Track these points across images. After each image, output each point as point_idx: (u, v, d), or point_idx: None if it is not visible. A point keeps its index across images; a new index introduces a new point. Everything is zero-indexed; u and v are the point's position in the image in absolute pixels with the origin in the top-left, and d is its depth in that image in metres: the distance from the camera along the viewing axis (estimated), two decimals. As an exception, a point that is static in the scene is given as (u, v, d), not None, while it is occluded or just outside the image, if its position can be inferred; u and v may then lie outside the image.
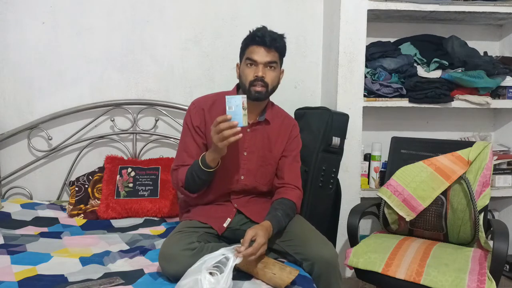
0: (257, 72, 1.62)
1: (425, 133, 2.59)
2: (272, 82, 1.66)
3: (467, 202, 1.89)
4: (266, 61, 1.62)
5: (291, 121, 1.81)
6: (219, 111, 1.68)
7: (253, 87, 1.63)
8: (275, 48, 1.63)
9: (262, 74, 1.61)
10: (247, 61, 1.64)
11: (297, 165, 1.77)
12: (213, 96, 1.77)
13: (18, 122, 2.34)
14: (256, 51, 1.62)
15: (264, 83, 1.63)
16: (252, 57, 1.62)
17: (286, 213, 1.61)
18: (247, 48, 1.65)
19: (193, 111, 1.71)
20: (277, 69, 1.67)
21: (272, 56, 1.63)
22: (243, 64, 1.67)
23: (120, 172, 2.17)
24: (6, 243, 1.72)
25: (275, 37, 1.63)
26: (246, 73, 1.64)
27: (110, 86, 2.40)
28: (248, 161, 1.71)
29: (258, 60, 1.62)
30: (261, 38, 1.60)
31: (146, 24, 2.39)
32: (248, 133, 1.70)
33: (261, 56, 1.62)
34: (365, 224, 2.59)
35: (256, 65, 1.62)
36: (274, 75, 1.66)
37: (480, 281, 1.59)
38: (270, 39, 1.61)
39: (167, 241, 1.52)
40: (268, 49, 1.62)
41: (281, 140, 1.75)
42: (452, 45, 2.42)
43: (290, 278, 1.39)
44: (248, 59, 1.63)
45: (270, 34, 1.62)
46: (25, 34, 2.32)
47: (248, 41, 1.65)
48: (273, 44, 1.61)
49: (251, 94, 1.63)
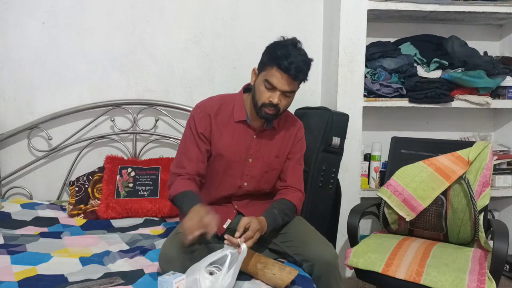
0: (273, 98, 1.53)
1: (425, 133, 2.59)
2: (285, 107, 1.60)
3: (467, 202, 1.89)
4: (285, 90, 1.54)
5: (297, 124, 1.77)
6: (225, 117, 1.66)
7: (265, 108, 1.56)
8: (298, 79, 1.55)
9: (278, 102, 1.54)
10: (266, 83, 1.53)
11: (300, 168, 1.76)
12: (218, 99, 1.70)
13: (18, 122, 2.34)
14: (278, 77, 1.51)
15: (276, 108, 1.56)
16: (272, 82, 1.52)
17: (284, 212, 1.60)
18: (270, 68, 1.52)
19: (199, 116, 1.65)
20: (294, 95, 1.60)
21: (293, 86, 1.55)
22: (260, 81, 1.56)
23: (120, 172, 2.17)
24: (6, 243, 1.72)
25: (302, 68, 1.51)
26: (261, 92, 1.55)
27: (110, 86, 2.40)
28: (253, 167, 1.68)
29: (277, 87, 1.52)
30: (287, 67, 1.49)
31: (146, 24, 2.39)
32: (254, 139, 1.67)
33: (282, 84, 1.52)
34: (365, 224, 2.59)
35: (274, 90, 1.53)
36: (289, 101, 1.59)
37: (480, 281, 1.59)
38: (296, 70, 1.49)
39: (167, 242, 1.52)
40: (292, 80, 1.52)
41: (287, 142, 1.72)
42: (452, 45, 2.42)
43: (289, 278, 1.39)
44: (267, 81, 1.53)
45: (297, 65, 1.49)
46: (25, 34, 2.32)
47: (273, 61, 1.51)
48: (298, 76, 1.52)
49: (261, 113, 1.57)
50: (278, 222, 1.57)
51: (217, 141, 1.65)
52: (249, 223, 1.42)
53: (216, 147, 1.65)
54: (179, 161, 1.64)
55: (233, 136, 1.66)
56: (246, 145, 1.67)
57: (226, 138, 1.65)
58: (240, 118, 1.65)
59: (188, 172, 1.60)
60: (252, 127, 1.67)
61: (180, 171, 1.61)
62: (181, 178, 1.59)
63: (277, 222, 1.56)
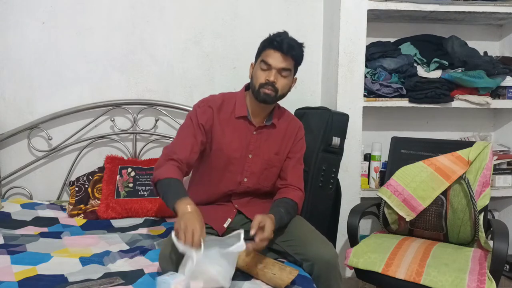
0: (269, 76, 1.59)
1: (425, 133, 2.59)
2: (283, 89, 1.63)
3: (467, 202, 1.89)
4: (280, 67, 1.59)
5: (297, 123, 1.80)
6: (227, 113, 1.68)
7: (262, 89, 1.60)
8: (291, 56, 1.60)
9: (274, 79, 1.59)
10: (262, 64, 1.61)
11: (300, 168, 1.77)
12: (221, 96, 1.74)
13: (18, 122, 2.34)
14: (272, 55, 1.59)
15: (274, 88, 1.60)
16: (267, 61, 1.59)
17: (288, 211, 1.61)
18: (264, 51, 1.62)
19: (201, 108, 1.68)
20: (290, 77, 1.64)
21: (287, 63, 1.60)
22: (257, 66, 1.64)
23: (120, 172, 2.17)
24: (6, 243, 1.72)
25: (293, 45, 1.59)
26: (258, 75, 1.62)
27: (110, 86, 2.40)
28: (253, 163, 1.70)
29: (272, 65, 1.59)
30: (279, 43, 1.57)
31: (146, 24, 2.39)
32: (254, 135, 1.69)
33: (276, 61, 1.59)
34: (365, 224, 2.59)
35: (270, 69, 1.59)
36: (286, 83, 1.63)
37: (480, 281, 1.59)
38: (288, 46, 1.57)
39: (167, 242, 1.52)
40: (285, 56, 1.58)
41: (287, 142, 1.74)
42: (452, 45, 2.42)
43: (290, 278, 1.39)
44: (263, 62, 1.60)
45: (289, 41, 1.58)
46: (25, 34, 2.32)
47: (266, 44, 1.62)
48: (290, 52, 1.58)
49: (260, 95, 1.61)
50: (284, 222, 1.58)
51: (218, 136, 1.67)
52: (263, 221, 1.43)
53: (217, 142, 1.66)
54: (173, 146, 1.65)
55: (234, 132, 1.68)
56: (246, 141, 1.68)
57: (227, 134, 1.67)
58: (241, 114, 1.68)
59: (179, 158, 1.59)
60: (253, 123, 1.69)
61: (172, 155, 1.59)
62: (170, 163, 1.58)
63: (282, 221, 1.57)
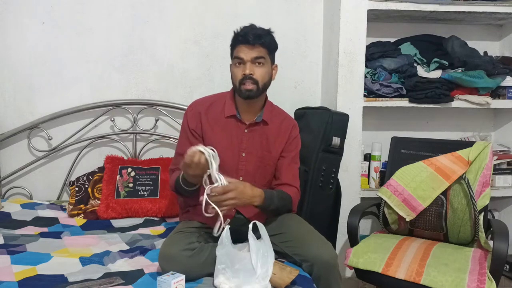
0: (244, 70, 1.61)
1: (425, 133, 2.59)
2: (263, 79, 1.64)
3: (467, 202, 1.89)
4: (252, 57, 1.60)
5: (291, 122, 1.80)
6: (216, 113, 1.70)
7: (243, 85, 1.61)
8: (260, 44, 1.60)
9: (250, 72, 1.60)
10: (235, 61, 1.64)
11: (296, 166, 1.77)
12: (211, 97, 1.77)
13: (18, 122, 2.34)
14: (241, 50, 1.61)
15: (253, 80, 1.61)
16: (238, 55, 1.62)
17: (280, 196, 1.64)
18: (234, 49, 1.65)
19: (190, 114, 1.72)
20: (267, 65, 1.65)
21: (258, 52, 1.61)
22: (232, 65, 1.67)
23: (120, 172, 2.17)
24: (6, 243, 1.72)
25: (259, 33, 1.60)
26: (235, 72, 1.64)
27: (110, 86, 2.40)
28: (247, 162, 1.70)
29: (244, 58, 1.61)
30: (244, 36, 1.60)
31: (146, 24, 2.39)
32: (246, 133, 1.70)
33: (246, 53, 1.60)
34: (365, 224, 2.59)
35: (244, 63, 1.61)
36: (264, 71, 1.64)
37: (480, 281, 1.59)
38: (253, 36, 1.59)
39: (167, 241, 1.53)
40: (252, 46, 1.60)
41: (280, 140, 1.74)
42: (452, 45, 2.42)
43: (290, 278, 1.39)
44: (236, 58, 1.63)
45: (253, 32, 1.60)
46: (25, 34, 2.32)
47: (233, 41, 1.66)
48: (257, 41, 1.59)
49: (242, 93, 1.63)
50: (274, 202, 1.60)
51: (209, 137, 1.68)
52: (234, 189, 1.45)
53: (209, 142, 1.67)
54: (176, 159, 1.71)
55: (225, 131, 1.69)
56: (238, 139, 1.69)
57: (218, 133, 1.69)
58: (230, 113, 1.70)
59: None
60: (243, 121, 1.70)
61: (176, 167, 1.66)
62: (176, 172, 1.65)
63: (272, 200, 1.60)
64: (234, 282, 1.34)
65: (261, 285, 1.31)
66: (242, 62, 1.62)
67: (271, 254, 1.37)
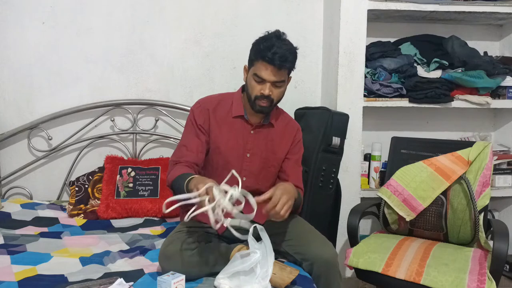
0: (263, 89, 1.57)
1: (425, 133, 2.59)
2: (278, 98, 1.63)
3: (467, 202, 1.89)
4: (274, 81, 1.57)
5: (295, 125, 1.80)
6: (224, 112, 1.69)
7: (258, 101, 1.59)
8: (284, 68, 1.56)
9: (269, 93, 1.57)
10: (255, 76, 1.58)
11: (299, 169, 1.77)
12: (217, 96, 1.75)
13: (18, 122, 2.34)
14: (264, 70, 1.55)
15: (269, 99, 1.59)
16: (260, 75, 1.56)
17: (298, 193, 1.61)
18: (257, 62, 1.57)
19: (198, 110, 1.69)
20: (285, 84, 1.63)
21: (281, 76, 1.57)
22: (250, 76, 1.61)
23: (120, 172, 2.17)
24: (6, 243, 1.72)
25: (286, 57, 1.54)
26: (253, 86, 1.59)
27: (110, 86, 2.40)
28: (251, 163, 1.70)
29: (266, 79, 1.56)
30: (271, 58, 1.52)
31: (146, 24, 2.39)
32: (252, 134, 1.70)
33: (269, 75, 1.55)
34: (365, 224, 2.59)
35: (264, 82, 1.57)
36: (281, 91, 1.62)
37: (480, 281, 1.59)
38: (280, 60, 1.52)
39: (167, 241, 1.52)
40: (277, 70, 1.55)
41: (285, 142, 1.74)
42: (452, 45, 2.42)
43: (290, 278, 1.39)
44: (256, 75, 1.57)
45: (281, 55, 1.52)
46: (25, 34, 2.32)
47: (258, 55, 1.56)
48: (283, 65, 1.54)
49: (255, 107, 1.61)
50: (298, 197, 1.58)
51: (216, 136, 1.67)
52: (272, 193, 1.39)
53: (215, 141, 1.67)
54: (179, 151, 1.66)
55: (231, 131, 1.68)
56: (244, 140, 1.68)
57: (224, 133, 1.68)
58: (237, 113, 1.69)
59: (187, 160, 1.60)
60: (250, 122, 1.69)
61: (179, 159, 1.62)
62: (179, 164, 1.59)
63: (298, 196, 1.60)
64: (234, 282, 1.34)
65: (261, 285, 1.31)
66: (262, 81, 1.57)
67: (271, 254, 1.37)
